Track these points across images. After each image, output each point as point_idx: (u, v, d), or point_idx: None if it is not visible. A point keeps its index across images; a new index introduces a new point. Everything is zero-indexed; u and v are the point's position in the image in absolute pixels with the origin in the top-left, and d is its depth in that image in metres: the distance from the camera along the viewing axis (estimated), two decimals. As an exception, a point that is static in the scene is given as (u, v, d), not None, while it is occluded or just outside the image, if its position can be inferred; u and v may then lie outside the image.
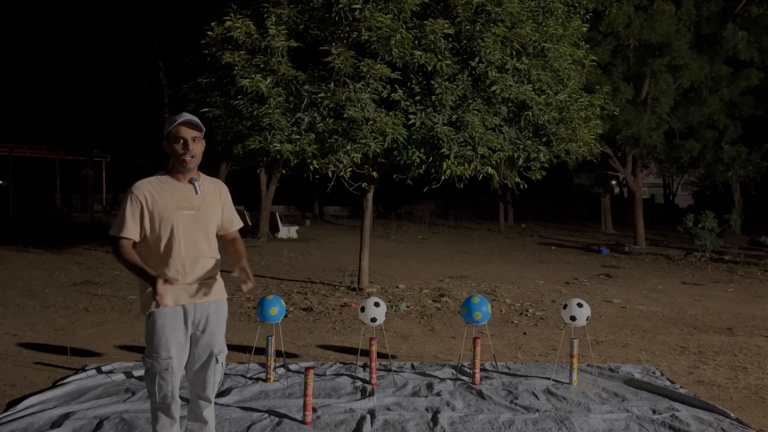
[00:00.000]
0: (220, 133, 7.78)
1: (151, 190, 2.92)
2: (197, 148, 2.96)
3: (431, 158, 7.69)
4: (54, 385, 4.61)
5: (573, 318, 4.78)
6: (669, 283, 11.38)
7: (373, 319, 4.83)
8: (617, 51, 17.21)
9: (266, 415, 4.00)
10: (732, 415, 4.07)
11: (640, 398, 4.46)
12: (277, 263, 13.24)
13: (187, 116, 2.94)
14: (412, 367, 5.22)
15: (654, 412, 4.16)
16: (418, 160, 7.66)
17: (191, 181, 2.99)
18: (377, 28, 7.01)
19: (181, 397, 3.12)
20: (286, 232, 20.02)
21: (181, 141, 2.92)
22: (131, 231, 2.89)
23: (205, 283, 3.01)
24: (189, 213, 2.94)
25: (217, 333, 3.05)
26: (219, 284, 3.10)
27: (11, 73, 20.78)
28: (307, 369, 3.85)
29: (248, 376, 4.89)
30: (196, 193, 2.98)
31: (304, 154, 7.28)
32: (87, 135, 23.04)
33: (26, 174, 30.60)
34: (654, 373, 5.15)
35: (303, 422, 3.85)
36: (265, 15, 7.41)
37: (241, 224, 3.21)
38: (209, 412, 3.12)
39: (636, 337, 6.74)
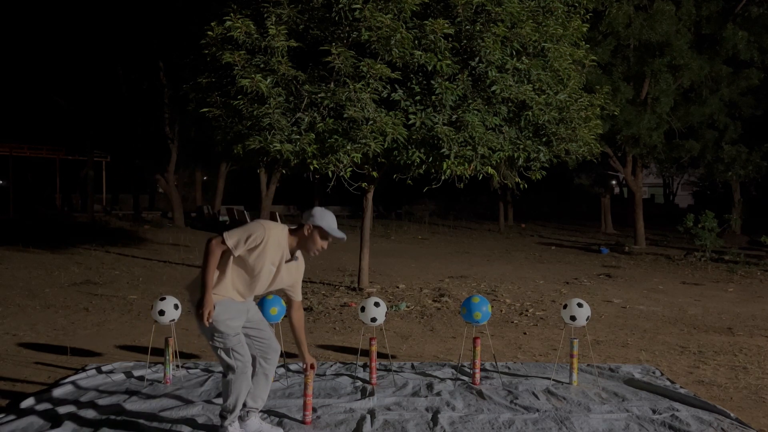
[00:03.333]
0: (220, 133, 7.78)
1: (275, 241, 3.43)
2: (323, 248, 3.55)
3: (431, 158, 7.69)
4: (54, 385, 4.61)
5: (573, 318, 4.78)
6: (669, 283, 11.38)
7: (373, 319, 4.83)
8: (617, 51, 17.20)
9: (266, 414, 4.00)
10: (732, 415, 4.07)
11: (640, 398, 4.46)
12: (277, 263, 13.23)
13: (341, 235, 3.52)
14: (412, 367, 5.22)
15: (654, 412, 4.15)
16: (418, 160, 7.66)
17: (294, 257, 3.55)
18: (377, 28, 7.00)
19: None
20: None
21: (322, 244, 3.52)
22: (237, 249, 3.39)
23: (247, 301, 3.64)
24: (272, 268, 3.48)
25: (264, 322, 3.77)
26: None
27: (11, 73, 20.78)
28: (310, 367, 3.81)
29: (248, 376, 4.89)
30: (286, 262, 3.52)
31: (304, 154, 7.27)
32: (87, 135, 23.03)
33: (26, 174, 30.59)
34: (654, 373, 5.15)
35: (303, 422, 3.84)
36: (265, 15, 7.41)
37: (300, 298, 3.72)
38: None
39: (636, 337, 6.74)
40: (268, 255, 3.41)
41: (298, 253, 3.57)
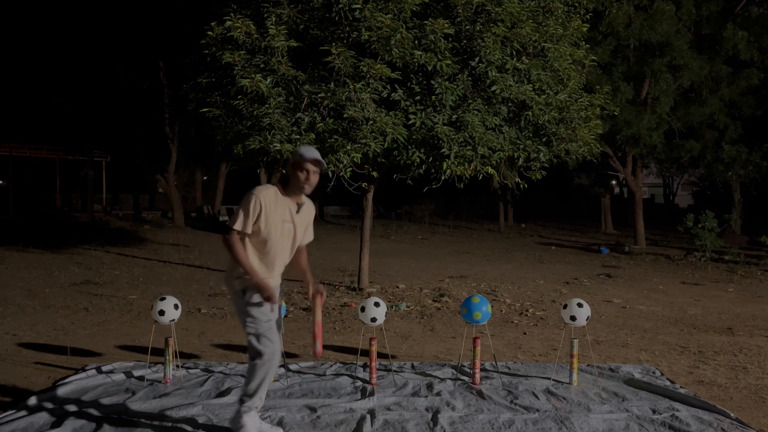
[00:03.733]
0: (220, 133, 7.78)
1: (271, 199, 3.47)
2: (314, 179, 3.52)
3: (431, 158, 7.69)
4: (54, 385, 4.61)
5: (573, 318, 4.78)
6: (669, 283, 11.38)
7: (373, 319, 4.83)
8: (617, 51, 17.20)
9: (266, 415, 4.00)
10: (732, 415, 4.07)
11: (640, 398, 4.46)
12: (277, 263, 13.23)
13: (316, 154, 3.48)
14: (412, 367, 5.22)
15: (654, 412, 4.15)
16: (418, 160, 7.66)
17: (299, 204, 3.58)
18: (377, 28, 7.00)
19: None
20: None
21: (306, 173, 3.47)
22: (246, 226, 3.42)
23: (278, 279, 3.65)
24: (288, 226, 3.53)
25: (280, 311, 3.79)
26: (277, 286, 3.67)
27: (11, 73, 20.76)
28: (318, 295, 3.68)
29: (248, 376, 4.89)
30: (297, 212, 3.57)
31: (304, 153, 7.26)
32: (87, 135, 23.02)
33: (26, 174, 30.59)
34: (654, 373, 5.15)
35: (314, 353, 3.63)
36: (265, 15, 7.41)
37: (311, 238, 3.75)
38: None
39: (636, 337, 6.74)
40: (275, 215, 3.45)
41: (303, 199, 3.59)
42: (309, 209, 3.68)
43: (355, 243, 10.18)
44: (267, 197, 3.45)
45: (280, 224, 3.48)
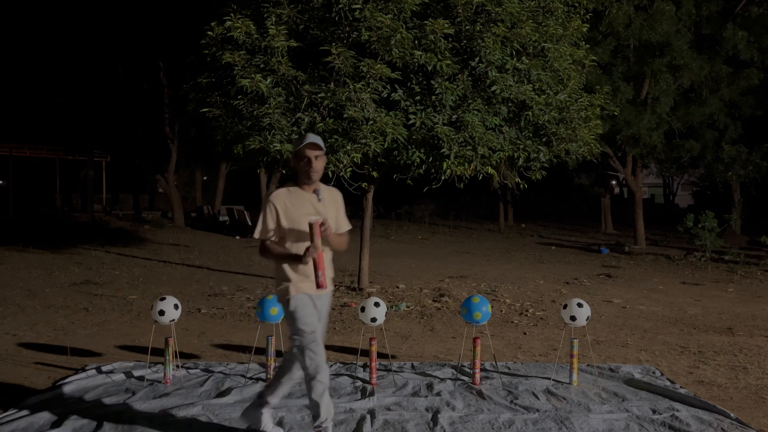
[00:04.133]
0: (220, 133, 7.78)
1: (285, 199, 3.45)
2: (319, 164, 3.44)
3: (431, 158, 7.68)
4: (54, 385, 4.61)
5: (573, 318, 4.78)
6: (669, 283, 11.38)
7: (373, 319, 4.83)
8: (617, 51, 17.20)
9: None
10: (732, 415, 4.07)
11: (640, 398, 4.46)
12: (277, 263, 13.23)
13: (311, 138, 3.41)
14: (412, 367, 5.22)
15: (654, 412, 4.16)
16: (418, 160, 7.65)
17: (315, 191, 3.49)
18: (377, 28, 7.00)
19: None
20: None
21: (306, 159, 3.41)
22: (266, 232, 3.46)
23: (329, 276, 3.51)
24: (311, 219, 3.38)
25: (325, 317, 3.65)
26: (329, 280, 3.54)
27: (11, 73, 20.76)
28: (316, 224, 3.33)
29: (248, 376, 4.90)
30: (318, 201, 3.48)
31: (304, 154, 7.26)
32: (87, 135, 23.02)
33: (26, 174, 30.59)
34: (654, 373, 5.15)
35: (318, 285, 3.37)
36: (265, 15, 7.41)
37: (348, 227, 3.69)
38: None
39: (636, 337, 6.74)
40: (295, 212, 3.42)
41: (322, 189, 3.52)
42: (332, 195, 3.61)
43: (355, 243, 10.15)
44: (279, 199, 3.44)
45: (304, 219, 3.40)
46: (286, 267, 3.45)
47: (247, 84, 7.02)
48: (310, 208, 3.45)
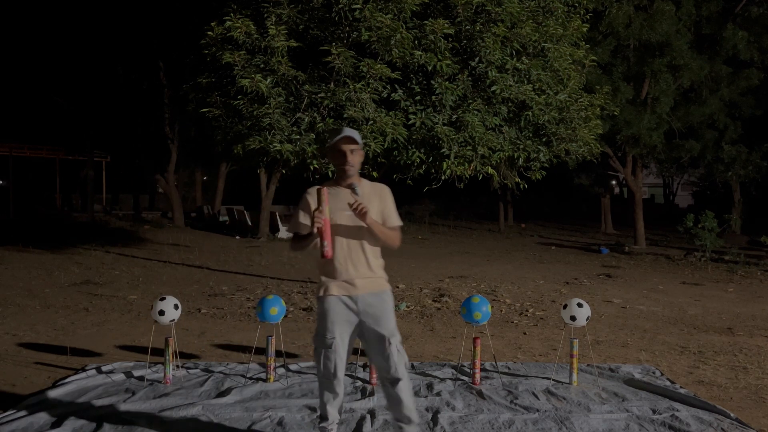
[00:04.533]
0: (220, 133, 7.78)
1: (314, 194, 3.28)
2: (355, 158, 3.35)
3: (431, 158, 7.68)
4: (54, 385, 4.61)
5: (573, 318, 4.78)
6: (669, 283, 11.38)
7: (373, 319, 4.82)
8: (617, 51, 17.20)
9: (266, 415, 4.01)
10: (732, 415, 4.07)
11: (640, 398, 4.46)
12: (277, 263, 13.24)
13: (346, 132, 3.32)
14: (412, 367, 5.22)
15: (654, 412, 4.15)
16: (418, 160, 7.65)
17: (351, 187, 3.34)
18: (377, 28, 7.00)
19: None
20: (286, 232, 20.02)
21: (341, 153, 3.30)
22: (298, 227, 3.34)
23: (364, 277, 3.34)
24: (348, 214, 3.27)
25: (383, 320, 3.33)
26: (378, 279, 3.41)
27: (11, 73, 20.76)
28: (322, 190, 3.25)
29: (248, 376, 4.90)
30: (356, 195, 3.32)
31: (304, 154, 7.27)
32: (87, 135, 23.02)
33: (26, 174, 30.59)
34: (654, 373, 5.15)
35: (322, 255, 3.25)
36: (265, 15, 7.40)
37: (397, 223, 3.49)
38: (401, 388, 3.33)
39: (636, 337, 6.74)
40: (330, 207, 3.26)
41: (363, 184, 3.41)
42: (376, 190, 3.45)
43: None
44: (313, 194, 3.32)
45: (337, 215, 3.27)
46: (318, 267, 3.36)
47: (247, 84, 7.01)
48: (344, 204, 3.30)
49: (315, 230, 3.17)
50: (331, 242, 3.21)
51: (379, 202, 3.42)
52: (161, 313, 4.64)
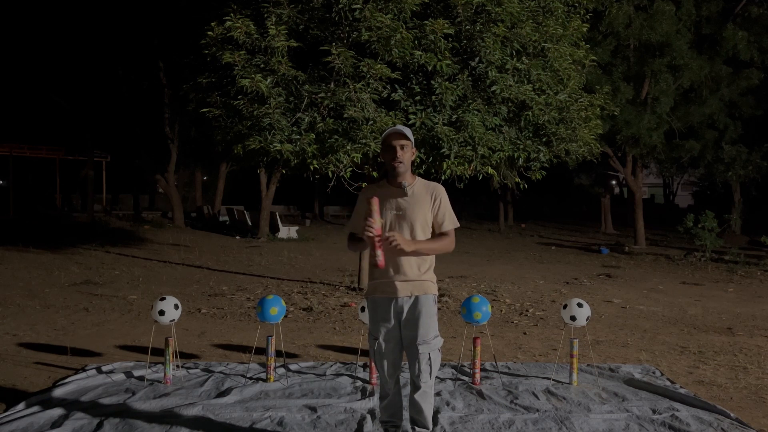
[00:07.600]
0: (220, 133, 7.78)
1: (373, 193, 3.27)
2: (405, 155, 3.28)
3: (431, 158, 7.68)
4: (54, 385, 4.61)
5: (573, 318, 4.78)
6: (669, 283, 11.38)
7: (373, 319, 4.82)
8: (617, 51, 17.21)
9: (266, 415, 4.00)
10: (732, 415, 4.07)
11: (640, 398, 4.46)
12: (277, 263, 13.24)
13: (397, 127, 3.28)
14: (412, 367, 5.22)
15: (654, 412, 4.15)
16: (417, 160, 7.65)
17: (401, 185, 3.29)
18: (377, 28, 7.00)
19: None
20: (286, 232, 20.03)
21: (391, 149, 3.27)
22: (354, 227, 3.37)
23: (408, 280, 3.31)
24: (396, 213, 3.28)
25: (420, 326, 3.29)
26: (424, 282, 3.35)
27: (11, 73, 20.76)
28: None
29: (248, 376, 4.90)
30: (405, 194, 3.29)
31: (304, 154, 7.27)
32: (87, 135, 23.02)
33: (26, 174, 30.59)
34: (654, 373, 5.15)
35: (376, 264, 3.24)
36: (265, 15, 7.40)
37: (453, 225, 3.45)
38: (420, 395, 3.35)
39: (636, 337, 6.74)
40: (382, 208, 3.24)
41: (417, 183, 3.35)
42: (429, 189, 3.36)
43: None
44: (367, 193, 3.33)
45: (387, 214, 3.26)
46: (370, 269, 3.34)
47: (247, 84, 7.01)
48: (393, 203, 3.28)
49: (365, 238, 3.16)
50: (383, 252, 3.15)
51: (428, 202, 3.34)
52: (161, 313, 4.64)
